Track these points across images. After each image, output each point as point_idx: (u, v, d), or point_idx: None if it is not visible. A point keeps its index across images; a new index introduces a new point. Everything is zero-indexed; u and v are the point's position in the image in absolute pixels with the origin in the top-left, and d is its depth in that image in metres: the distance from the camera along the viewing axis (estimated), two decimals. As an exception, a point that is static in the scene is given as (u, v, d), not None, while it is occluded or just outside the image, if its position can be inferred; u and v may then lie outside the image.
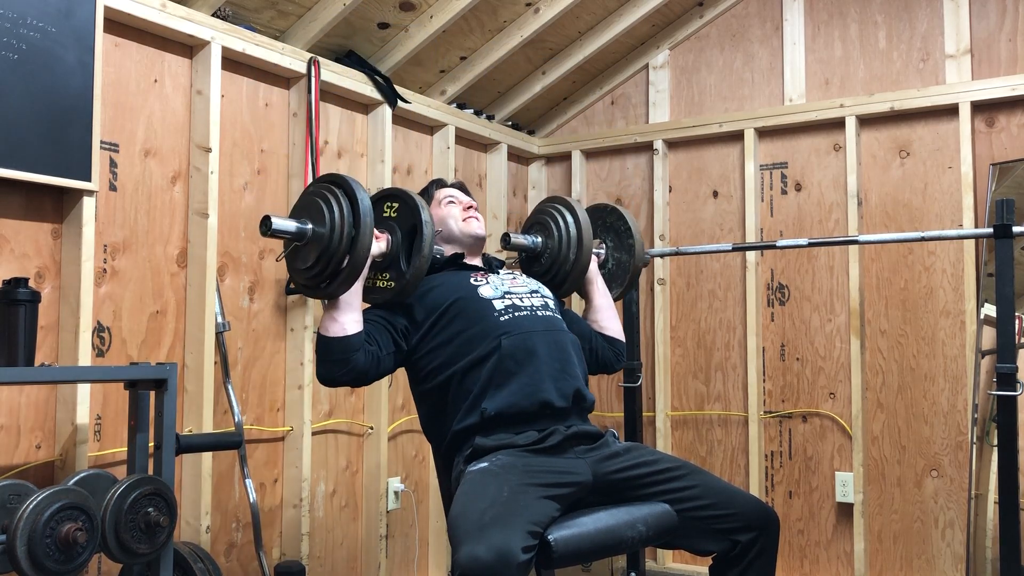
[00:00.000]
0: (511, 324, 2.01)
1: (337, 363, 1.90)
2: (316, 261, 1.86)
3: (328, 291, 1.89)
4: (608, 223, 2.49)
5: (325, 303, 1.93)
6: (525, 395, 1.93)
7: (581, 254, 2.26)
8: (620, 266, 2.47)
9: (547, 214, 2.32)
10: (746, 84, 3.61)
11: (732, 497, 1.88)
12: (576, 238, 2.26)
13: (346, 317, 1.89)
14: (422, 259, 1.93)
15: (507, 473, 1.77)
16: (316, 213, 1.87)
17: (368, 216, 1.85)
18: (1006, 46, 3.15)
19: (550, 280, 2.31)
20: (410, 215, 1.98)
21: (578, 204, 2.31)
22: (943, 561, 3.13)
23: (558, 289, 2.32)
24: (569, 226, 2.27)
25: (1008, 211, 2.37)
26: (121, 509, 1.85)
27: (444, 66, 3.38)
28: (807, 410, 3.39)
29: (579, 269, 2.28)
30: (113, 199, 2.39)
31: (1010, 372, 2.30)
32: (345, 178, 1.89)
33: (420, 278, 1.98)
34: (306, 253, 1.88)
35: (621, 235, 2.47)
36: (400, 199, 2.01)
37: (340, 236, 1.83)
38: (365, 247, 1.85)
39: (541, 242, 2.31)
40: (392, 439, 3.20)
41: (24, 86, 2.08)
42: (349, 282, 1.88)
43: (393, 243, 1.98)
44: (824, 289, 3.39)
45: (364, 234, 1.84)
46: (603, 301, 2.36)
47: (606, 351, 2.32)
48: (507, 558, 1.51)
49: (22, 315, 1.94)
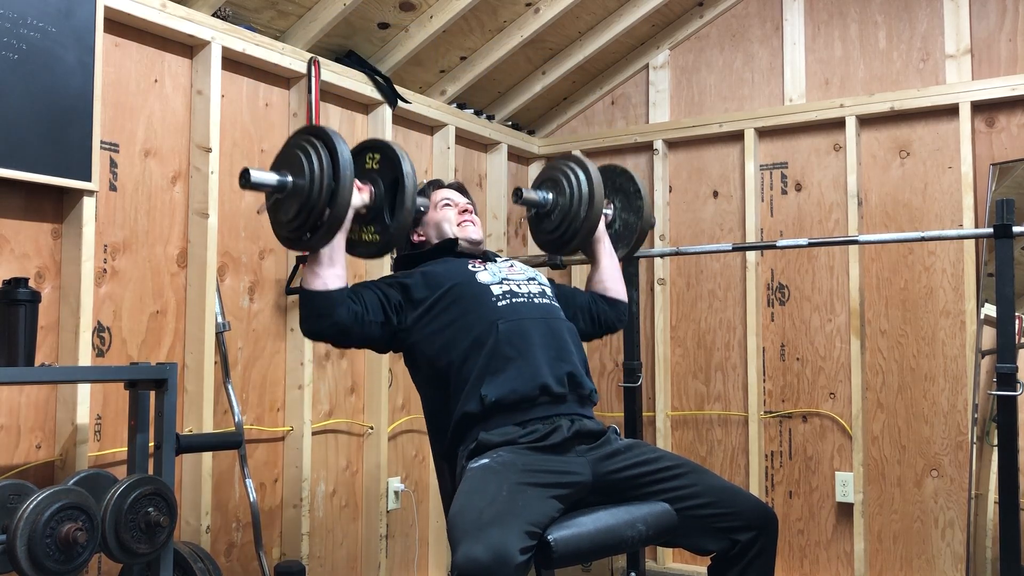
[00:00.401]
0: (508, 310, 2.02)
1: (317, 317, 1.90)
2: (297, 213, 1.85)
3: (310, 243, 1.88)
4: (617, 184, 2.50)
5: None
6: (524, 380, 1.93)
7: (592, 211, 2.26)
8: (627, 227, 2.48)
9: (559, 171, 2.32)
10: (746, 84, 3.61)
11: (732, 496, 1.88)
12: (588, 195, 2.26)
13: (327, 271, 1.89)
14: (405, 212, 1.90)
15: (507, 471, 1.77)
16: (296, 165, 1.85)
17: (348, 168, 1.82)
18: (1006, 46, 3.15)
19: (560, 236, 2.32)
20: (391, 167, 1.94)
21: (590, 162, 2.32)
22: (943, 561, 3.13)
23: (567, 246, 2.33)
24: (581, 183, 2.27)
25: (1008, 211, 2.37)
26: (121, 509, 1.85)
27: (444, 66, 3.38)
28: (807, 410, 3.39)
29: (589, 226, 2.29)
30: (113, 199, 2.39)
31: (1010, 372, 2.30)
32: (325, 129, 1.87)
33: (404, 231, 1.95)
34: (288, 205, 1.87)
35: (630, 196, 2.48)
36: (382, 150, 1.98)
37: (320, 188, 1.82)
38: (345, 199, 1.83)
39: (552, 198, 2.31)
40: (392, 439, 3.20)
41: (24, 86, 2.08)
42: (330, 234, 1.86)
43: (376, 195, 1.95)
44: (824, 289, 3.39)
45: (344, 186, 1.82)
46: (609, 261, 2.37)
47: (608, 313, 2.34)
48: (504, 559, 1.51)
49: (22, 315, 1.94)
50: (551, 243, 2.36)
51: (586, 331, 2.31)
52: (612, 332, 2.38)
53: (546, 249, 2.42)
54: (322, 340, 1.99)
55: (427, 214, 2.25)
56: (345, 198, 1.83)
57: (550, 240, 2.36)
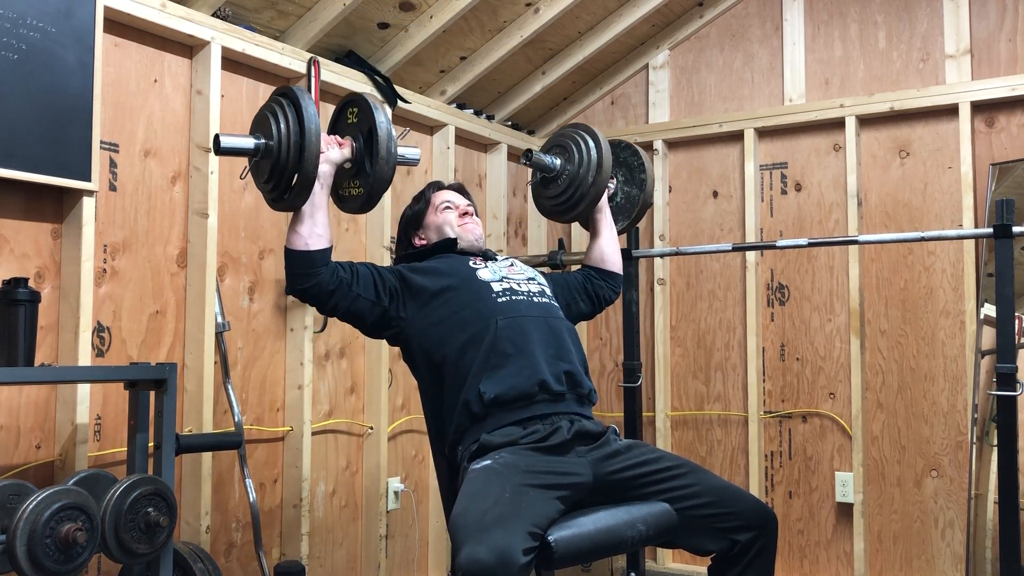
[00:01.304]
0: (508, 307, 2.03)
1: (298, 276, 1.92)
2: (271, 175, 1.88)
3: (292, 203, 1.89)
4: (621, 158, 2.56)
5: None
6: (523, 377, 1.94)
7: (600, 177, 2.31)
8: (629, 200, 2.55)
9: (569, 138, 2.37)
10: (746, 84, 3.61)
11: (731, 496, 1.88)
12: (596, 161, 2.31)
13: (306, 230, 1.91)
14: (381, 161, 1.90)
15: (509, 473, 1.77)
16: (266, 127, 1.87)
17: (312, 122, 1.83)
18: (1006, 46, 3.15)
19: (565, 202, 2.37)
20: (365, 118, 1.95)
21: (600, 131, 2.37)
22: (943, 561, 3.13)
23: (572, 211, 2.38)
24: (591, 149, 2.32)
25: (1008, 211, 2.37)
26: (121, 509, 1.85)
27: (444, 66, 3.38)
28: (807, 410, 3.39)
29: (596, 192, 2.33)
30: (113, 199, 2.39)
31: (1010, 372, 2.30)
32: (292, 88, 1.90)
33: (384, 182, 1.95)
34: (263, 168, 1.89)
35: (633, 170, 2.54)
36: (357, 103, 2.00)
37: (288, 147, 1.84)
38: (313, 155, 1.83)
39: (560, 164, 2.36)
40: (392, 439, 3.20)
41: (24, 86, 2.08)
42: (304, 192, 1.87)
43: (356, 149, 1.96)
44: (824, 289, 3.39)
45: (310, 141, 1.82)
46: (609, 232, 2.43)
47: (604, 288, 2.39)
48: (507, 560, 1.51)
49: (22, 315, 1.94)
50: (555, 208, 2.41)
51: (586, 311, 2.37)
52: (609, 303, 2.43)
53: (548, 215, 2.47)
54: (306, 301, 1.99)
55: (428, 217, 2.26)
56: (313, 154, 1.83)
57: (554, 205, 2.40)
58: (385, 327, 2.06)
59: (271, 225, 2.80)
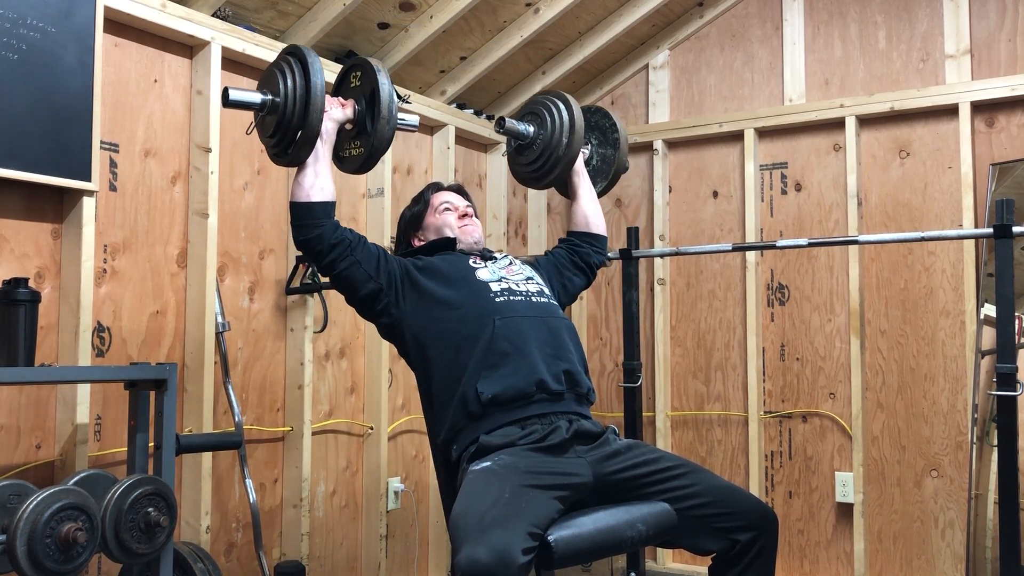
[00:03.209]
0: (506, 307, 2.03)
1: (302, 227, 1.97)
2: (276, 129, 1.96)
3: (295, 157, 1.97)
4: (593, 123, 2.57)
5: None
6: (520, 377, 1.94)
7: (573, 140, 2.32)
8: (605, 161, 2.55)
9: (542, 104, 2.38)
10: (746, 84, 3.61)
11: (732, 496, 1.88)
12: (569, 125, 2.32)
13: (308, 181, 1.96)
14: (383, 122, 1.97)
15: (509, 473, 1.77)
16: (273, 83, 1.96)
17: (318, 77, 1.91)
18: (1006, 46, 3.15)
19: (539, 167, 2.38)
20: (368, 81, 2.02)
21: (571, 97, 2.38)
22: (943, 561, 3.13)
23: (546, 177, 2.39)
24: (563, 114, 2.33)
25: (1008, 211, 2.37)
26: (121, 509, 1.85)
27: (444, 66, 3.38)
28: (807, 410, 3.39)
29: (570, 155, 2.34)
30: (113, 199, 2.39)
31: (1010, 372, 2.30)
32: (299, 47, 1.98)
33: (384, 142, 2.01)
34: (269, 123, 1.98)
35: (606, 131, 2.55)
36: (361, 67, 2.06)
37: (294, 101, 1.92)
38: (317, 110, 1.91)
39: (534, 131, 2.37)
40: (392, 439, 3.20)
41: (24, 86, 2.08)
42: (307, 146, 1.94)
43: (359, 111, 2.03)
44: (824, 289, 3.39)
45: (316, 97, 1.90)
46: (588, 193, 2.44)
47: (590, 253, 2.40)
48: (507, 560, 1.51)
49: (22, 315, 1.94)
50: (531, 175, 2.43)
51: (581, 283, 2.38)
52: (599, 267, 2.43)
53: (524, 182, 2.48)
54: (307, 255, 2.02)
55: (427, 218, 2.27)
56: (317, 109, 1.91)
57: (530, 172, 2.42)
58: (375, 306, 2.05)
59: (271, 225, 2.80)
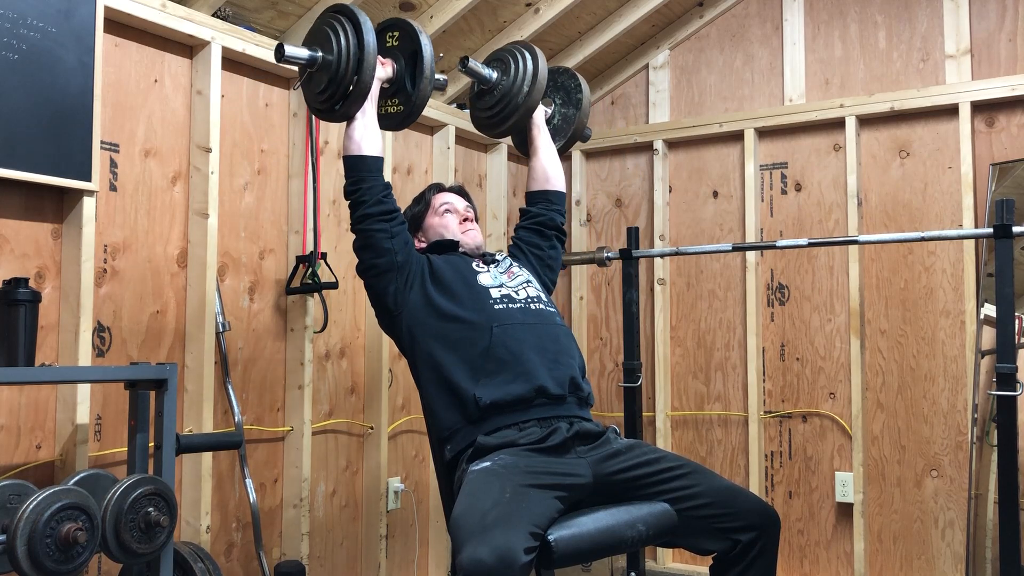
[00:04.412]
0: (505, 314, 2.04)
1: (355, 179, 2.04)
2: (328, 84, 2.03)
3: (343, 112, 2.05)
4: (559, 83, 2.58)
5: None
6: (519, 384, 1.94)
7: (534, 90, 2.32)
8: (566, 120, 2.56)
9: (508, 52, 2.39)
10: (746, 84, 3.61)
11: (733, 496, 1.88)
12: (532, 75, 2.33)
13: (359, 133, 2.04)
14: (425, 81, 2.08)
15: (509, 473, 1.77)
16: (324, 40, 2.04)
17: (371, 35, 2.00)
18: (1006, 46, 3.15)
19: (498, 112, 2.36)
20: (410, 42, 2.11)
21: (539, 51, 2.38)
22: (943, 561, 3.13)
23: (504, 123, 2.37)
24: (527, 63, 2.34)
25: (1008, 211, 2.37)
26: (121, 509, 1.85)
27: (444, 66, 3.38)
28: (807, 410, 3.39)
29: (529, 104, 2.33)
30: (113, 199, 2.39)
31: (1010, 372, 2.30)
32: (346, 5, 2.06)
33: (426, 99, 2.11)
34: (319, 79, 2.05)
35: (570, 92, 2.56)
36: (400, 27, 2.14)
37: (347, 58, 2.00)
38: (370, 67, 1.99)
39: (497, 76, 2.38)
40: (392, 439, 3.20)
41: (24, 86, 2.08)
42: (360, 100, 2.02)
43: (397, 69, 2.12)
44: (824, 289, 3.39)
45: (369, 54, 1.98)
46: (549, 148, 2.44)
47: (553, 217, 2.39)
48: (509, 559, 1.51)
49: (22, 315, 1.94)
50: (488, 121, 2.41)
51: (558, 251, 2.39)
52: (562, 228, 2.41)
53: (480, 128, 2.46)
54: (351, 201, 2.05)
55: (428, 219, 2.28)
56: (371, 65, 1.99)
57: (488, 117, 2.40)
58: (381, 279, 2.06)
59: (271, 225, 2.80)
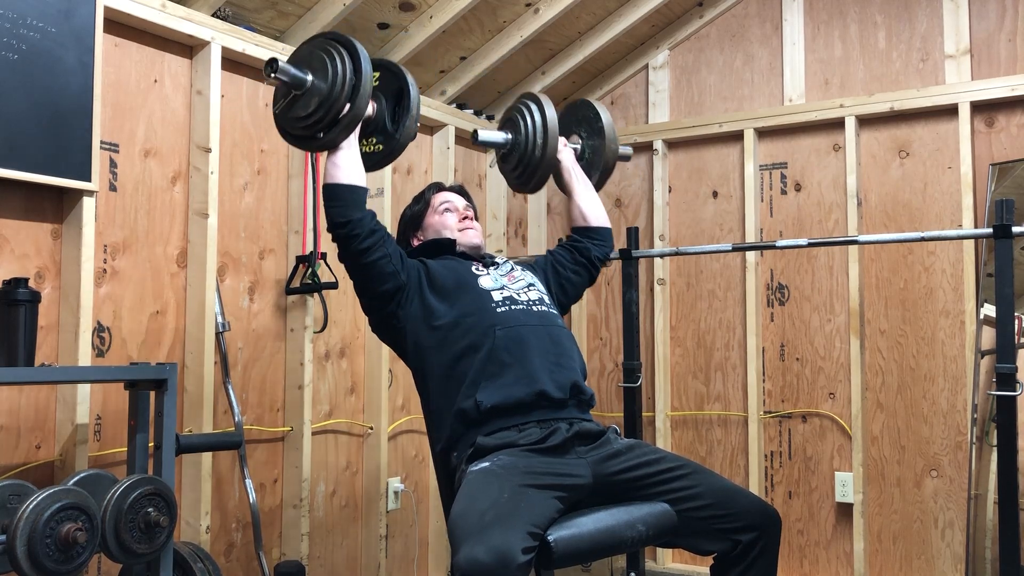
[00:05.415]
0: (507, 316, 2.02)
1: (343, 208, 1.96)
2: (316, 109, 1.96)
3: (327, 140, 1.98)
4: (580, 116, 2.52)
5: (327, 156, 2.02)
6: (521, 387, 1.93)
7: (548, 140, 2.29)
8: (595, 152, 2.48)
9: (515, 110, 2.36)
10: (746, 84, 3.61)
11: (733, 496, 1.87)
12: (541, 127, 2.29)
13: (347, 163, 1.97)
14: (411, 120, 2.04)
15: (508, 474, 1.77)
16: (318, 64, 1.98)
17: (368, 65, 1.96)
18: (1006, 46, 3.15)
19: (521, 173, 2.34)
20: (394, 80, 2.09)
21: (544, 96, 2.34)
22: (943, 561, 3.13)
23: (531, 181, 2.34)
24: (535, 116, 2.30)
25: (1008, 211, 2.37)
26: (121, 509, 1.85)
27: (444, 66, 3.38)
28: (807, 410, 3.39)
29: (547, 158, 2.30)
30: (113, 199, 2.39)
31: (1010, 372, 2.30)
32: (340, 34, 2.02)
33: (410, 138, 2.08)
34: (306, 103, 1.98)
35: (591, 122, 2.49)
36: (383, 67, 2.12)
37: (343, 84, 1.94)
38: (367, 94, 1.96)
39: (511, 138, 2.34)
40: (392, 439, 3.20)
41: (24, 86, 2.08)
42: (350, 129, 1.98)
43: (378, 109, 2.08)
44: (824, 289, 3.39)
45: (365, 82, 1.95)
46: (582, 188, 2.38)
47: (590, 246, 2.34)
48: (507, 559, 1.51)
49: (22, 315, 1.94)
50: (518, 182, 2.40)
51: (582, 280, 2.32)
52: (603, 262, 2.37)
53: (516, 189, 2.46)
54: (343, 238, 1.97)
55: (427, 218, 2.26)
56: (366, 95, 1.96)
57: (515, 178, 2.39)
58: (389, 303, 2.03)
59: (271, 225, 2.81)
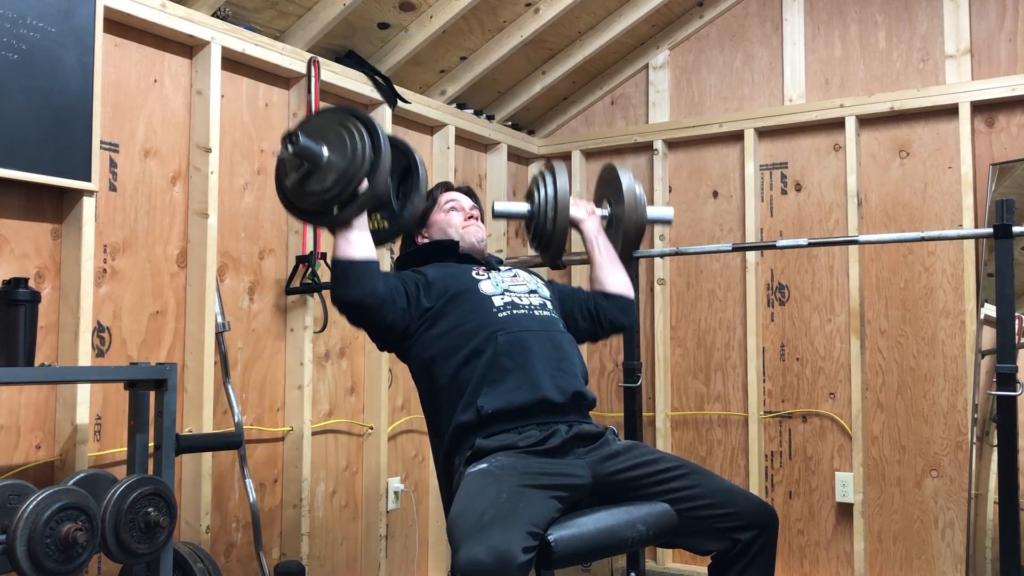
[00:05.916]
0: (509, 321, 2.01)
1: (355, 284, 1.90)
2: (334, 184, 1.89)
3: (342, 217, 1.91)
4: (607, 181, 2.43)
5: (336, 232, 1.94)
6: (523, 392, 1.93)
7: (557, 215, 2.24)
8: (618, 220, 2.37)
9: (534, 181, 2.33)
10: (746, 84, 3.61)
11: (732, 496, 1.88)
12: (552, 195, 2.24)
13: (363, 241, 1.92)
14: (419, 198, 2.02)
15: (506, 474, 1.77)
16: (335, 138, 1.92)
17: (386, 142, 1.91)
18: (1006, 46, 3.15)
19: (540, 244, 2.32)
20: (402, 157, 2.05)
21: (560, 167, 2.29)
22: (943, 561, 3.13)
23: (547, 250, 2.31)
24: (548, 187, 2.26)
25: (1008, 211, 2.37)
26: (121, 509, 1.85)
27: (444, 66, 3.38)
28: (807, 410, 3.39)
29: (558, 229, 2.25)
30: (113, 199, 2.39)
31: (1010, 372, 2.30)
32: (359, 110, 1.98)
33: (416, 216, 2.07)
34: (322, 176, 1.91)
35: (616, 188, 2.38)
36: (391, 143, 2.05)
37: (362, 161, 1.88)
38: (385, 172, 1.91)
39: (528, 210, 2.30)
40: (392, 439, 3.20)
41: (24, 86, 2.08)
42: (367, 205, 1.93)
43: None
44: (824, 289, 3.39)
45: (384, 160, 1.90)
46: (602, 259, 2.29)
47: (608, 309, 2.26)
48: (507, 559, 1.51)
49: (22, 315, 1.94)
50: (537, 251, 2.37)
51: (586, 329, 2.25)
52: (619, 329, 2.30)
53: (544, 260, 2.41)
54: (351, 309, 1.94)
55: (433, 215, 2.26)
56: (385, 171, 1.91)
57: (535, 247, 2.36)
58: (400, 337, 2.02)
59: (271, 225, 2.81)
